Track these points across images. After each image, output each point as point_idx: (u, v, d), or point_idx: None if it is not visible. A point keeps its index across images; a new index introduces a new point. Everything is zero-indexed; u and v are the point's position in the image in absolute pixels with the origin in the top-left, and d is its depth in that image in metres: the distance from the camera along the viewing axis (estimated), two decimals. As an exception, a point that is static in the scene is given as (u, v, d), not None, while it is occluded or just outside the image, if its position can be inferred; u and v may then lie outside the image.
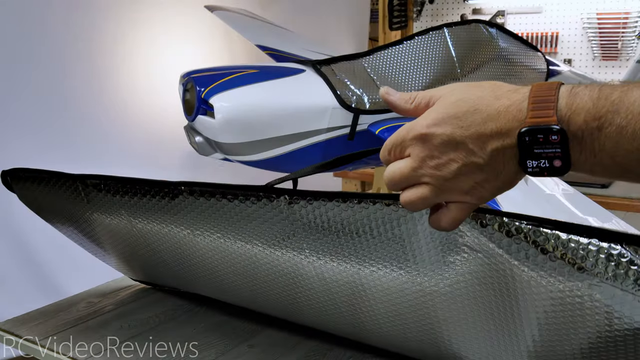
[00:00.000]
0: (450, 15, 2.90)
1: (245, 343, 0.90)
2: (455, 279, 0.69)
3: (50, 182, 0.91)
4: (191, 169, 1.78)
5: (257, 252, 0.81)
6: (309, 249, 0.77)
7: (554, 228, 0.62)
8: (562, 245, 0.60)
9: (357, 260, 0.74)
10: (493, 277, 0.67)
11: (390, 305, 0.76)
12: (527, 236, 0.63)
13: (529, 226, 0.63)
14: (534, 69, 1.53)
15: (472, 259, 0.67)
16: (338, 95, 1.23)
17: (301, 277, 0.80)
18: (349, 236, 0.73)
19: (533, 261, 0.63)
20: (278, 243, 0.79)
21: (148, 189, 0.82)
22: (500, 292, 0.67)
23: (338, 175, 2.56)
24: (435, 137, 0.52)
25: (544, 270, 0.62)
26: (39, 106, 1.41)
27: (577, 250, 0.60)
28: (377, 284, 0.75)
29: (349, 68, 1.29)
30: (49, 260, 1.45)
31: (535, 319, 0.64)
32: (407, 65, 1.33)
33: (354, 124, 1.25)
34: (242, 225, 0.80)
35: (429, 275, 0.70)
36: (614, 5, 2.50)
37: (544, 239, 0.62)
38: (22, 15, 1.36)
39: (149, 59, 1.65)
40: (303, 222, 0.75)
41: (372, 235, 0.71)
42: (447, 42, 1.39)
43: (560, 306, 0.62)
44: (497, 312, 0.69)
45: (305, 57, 1.51)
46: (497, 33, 1.47)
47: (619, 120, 0.46)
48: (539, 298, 0.63)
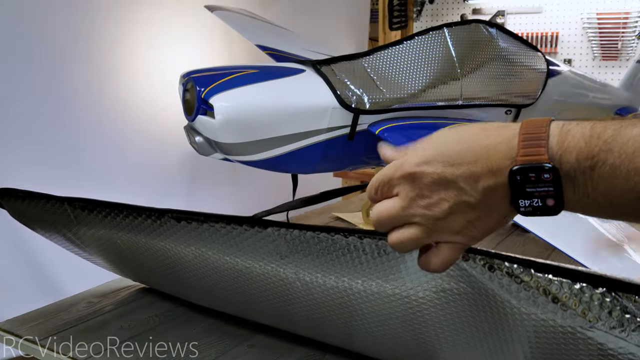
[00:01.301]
0: (450, 15, 2.90)
1: (245, 343, 0.90)
2: (442, 288, 0.69)
3: (39, 202, 0.95)
4: (191, 169, 1.78)
5: (246, 268, 0.82)
6: (300, 267, 0.77)
7: (544, 270, 0.61)
8: (553, 288, 0.60)
9: (348, 276, 0.74)
10: (476, 296, 0.66)
11: (380, 317, 0.76)
12: (515, 275, 0.62)
13: (520, 268, 0.62)
14: (534, 69, 1.53)
15: (458, 275, 0.67)
16: (338, 95, 1.23)
17: (290, 293, 0.81)
18: (340, 252, 0.73)
19: (516, 296, 0.62)
20: (267, 260, 0.80)
21: (135, 214, 0.86)
22: (484, 308, 0.67)
23: (338, 175, 2.56)
24: (425, 175, 0.50)
25: (532, 306, 0.61)
26: (38, 106, 1.41)
27: (567, 294, 0.59)
28: (366, 296, 0.75)
29: (349, 68, 1.29)
30: (49, 260, 1.45)
31: (526, 338, 0.64)
32: (407, 65, 1.33)
33: (354, 124, 1.25)
34: (229, 245, 0.81)
35: (415, 285, 0.70)
36: (614, 5, 2.50)
37: (536, 283, 0.61)
38: (21, 15, 1.36)
39: (149, 59, 1.65)
40: (292, 244, 0.75)
41: (362, 253, 0.72)
42: (447, 42, 1.39)
43: (552, 339, 0.62)
44: (484, 325, 0.68)
45: (305, 57, 1.51)
46: (497, 33, 1.46)
47: (612, 160, 0.45)
48: (524, 330, 0.63)
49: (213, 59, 1.84)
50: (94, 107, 1.54)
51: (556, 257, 1.28)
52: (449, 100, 1.36)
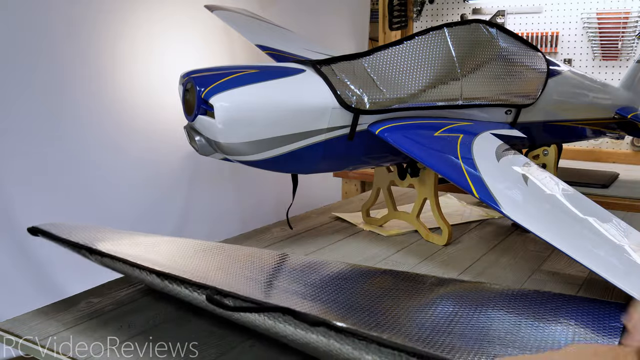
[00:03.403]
0: (450, 15, 2.90)
1: (245, 343, 0.90)
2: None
3: (60, 241, 1.02)
4: (191, 169, 1.78)
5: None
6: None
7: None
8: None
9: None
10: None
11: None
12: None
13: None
14: (534, 68, 1.53)
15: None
16: (338, 95, 1.23)
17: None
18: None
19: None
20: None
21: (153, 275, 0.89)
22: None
23: (338, 175, 2.56)
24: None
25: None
26: (37, 106, 1.41)
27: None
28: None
29: (349, 68, 1.29)
30: (49, 260, 1.45)
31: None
32: (407, 65, 1.33)
33: (354, 124, 1.25)
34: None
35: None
36: (614, 5, 2.50)
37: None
38: (21, 15, 1.36)
39: (148, 59, 1.65)
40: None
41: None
42: (447, 42, 1.39)
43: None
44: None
45: (305, 57, 1.51)
46: (497, 33, 1.46)
47: None
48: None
49: (213, 59, 1.84)
50: (94, 107, 1.54)
51: (556, 257, 1.28)
52: (449, 100, 1.36)
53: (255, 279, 1.01)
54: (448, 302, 0.95)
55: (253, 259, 1.13)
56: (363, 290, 1.01)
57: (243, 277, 1.01)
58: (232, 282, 0.97)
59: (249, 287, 0.95)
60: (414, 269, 1.23)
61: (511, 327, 0.83)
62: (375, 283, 1.06)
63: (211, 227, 1.87)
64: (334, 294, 0.96)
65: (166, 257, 1.06)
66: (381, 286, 1.02)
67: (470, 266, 1.25)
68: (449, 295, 1.00)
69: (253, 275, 1.03)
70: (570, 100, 1.69)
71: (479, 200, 1.10)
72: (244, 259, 1.12)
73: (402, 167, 1.48)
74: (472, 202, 1.82)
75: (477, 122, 1.40)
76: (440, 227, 1.42)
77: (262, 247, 1.41)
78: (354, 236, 1.49)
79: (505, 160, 1.21)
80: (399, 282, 1.03)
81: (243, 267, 1.07)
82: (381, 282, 1.05)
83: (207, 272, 0.99)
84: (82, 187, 1.52)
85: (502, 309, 0.90)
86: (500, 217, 1.63)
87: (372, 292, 0.98)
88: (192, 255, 1.10)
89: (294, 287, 0.98)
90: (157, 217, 1.70)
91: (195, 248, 1.15)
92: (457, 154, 1.19)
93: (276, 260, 1.16)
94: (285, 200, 1.51)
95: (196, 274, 0.93)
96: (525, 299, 0.93)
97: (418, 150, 1.22)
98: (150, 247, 1.09)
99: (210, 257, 1.10)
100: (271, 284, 1.02)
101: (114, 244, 1.03)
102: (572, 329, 0.82)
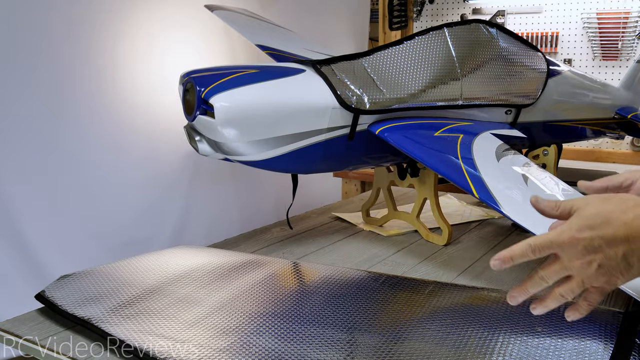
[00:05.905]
0: (450, 15, 2.90)
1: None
2: None
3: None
4: (191, 169, 1.78)
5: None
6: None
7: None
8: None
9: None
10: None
11: None
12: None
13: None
14: (534, 68, 1.53)
15: None
16: (338, 95, 1.23)
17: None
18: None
19: None
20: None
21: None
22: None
23: (338, 175, 2.56)
24: (579, 242, 0.67)
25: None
26: (37, 106, 1.41)
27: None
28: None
29: (349, 68, 1.29)
30: (49, 260, 1.45)
31: None
32: (407, 65, 1.33)
33: (354, 124, 1.25)
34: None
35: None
36: (614, 5, 2.50)
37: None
38: (21, 15, 1.36)
39: (148, 59, 1.64)
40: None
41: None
42: (447, 42, 1.39)
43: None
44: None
45: (306, 57, 1.51)
46: (497, 33, 1.46)
47: None
48: None
49: (213, 59, 1.84)
50: (94, 107, 1.53)
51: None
52: (449, 100, 1.36)
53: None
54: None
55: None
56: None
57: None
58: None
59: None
60: (414, 269, 1.23)
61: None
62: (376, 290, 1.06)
63: (211, 227, 1.87)
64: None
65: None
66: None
67: (470, 266, 1.25)
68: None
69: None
70: (570, 100, 1.68)
71: (479, 200, 1.10)
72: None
73: (402, 167, 1.48)
74: (472, 202, 1.82)
75: (477, 122, 1.40)
76: (440, 227, 1.42)
77: (262, 247, 1.41)
78: (354, 236, 1.49)
79: (505, 160, 1.21)
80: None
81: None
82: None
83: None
84: (82, 187, 1.51)
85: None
86: (500, 217, 1.63)
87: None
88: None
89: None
90: (157, 217, 1.70)
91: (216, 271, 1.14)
92: (457, 154, 1.19)
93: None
94: (285, 200, 1.51)
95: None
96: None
97: (418, 150, 1.22)
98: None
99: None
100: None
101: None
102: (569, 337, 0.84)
